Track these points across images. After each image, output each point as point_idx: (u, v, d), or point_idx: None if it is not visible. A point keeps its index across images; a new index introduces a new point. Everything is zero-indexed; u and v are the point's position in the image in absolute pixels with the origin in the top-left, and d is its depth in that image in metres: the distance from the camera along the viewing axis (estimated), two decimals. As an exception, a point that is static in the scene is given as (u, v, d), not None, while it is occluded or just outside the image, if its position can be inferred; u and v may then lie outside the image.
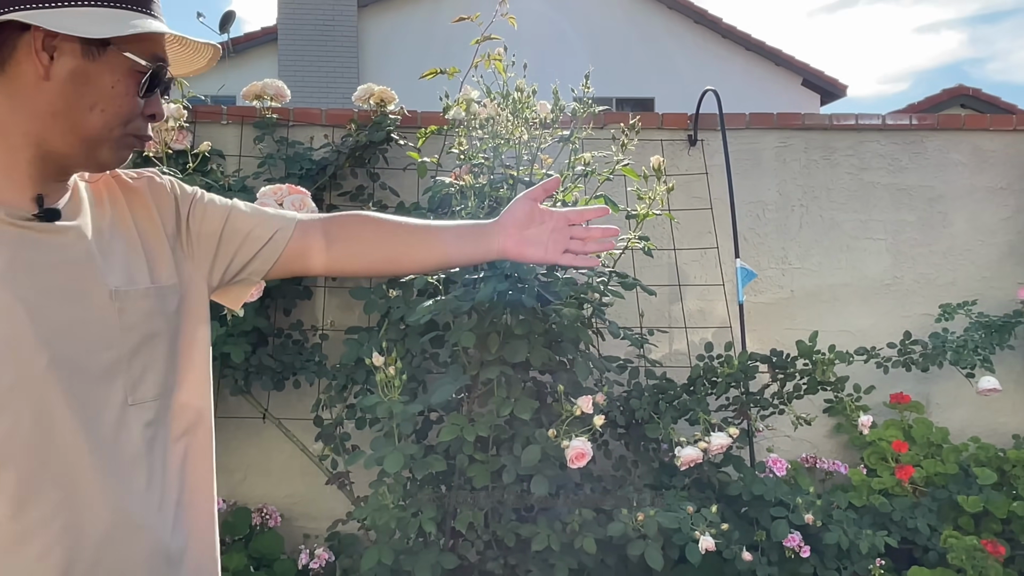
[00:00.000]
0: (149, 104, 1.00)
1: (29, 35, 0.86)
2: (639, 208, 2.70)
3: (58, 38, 0.87)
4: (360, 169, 3.39)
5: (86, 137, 0.94)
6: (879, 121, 3.86)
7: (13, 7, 0.84)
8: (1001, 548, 2.98)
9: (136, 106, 0.97)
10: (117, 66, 0.93)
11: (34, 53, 0.87)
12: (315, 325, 3.42)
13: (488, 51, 2.67)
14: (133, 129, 0.98)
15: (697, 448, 2.67)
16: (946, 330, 3.37)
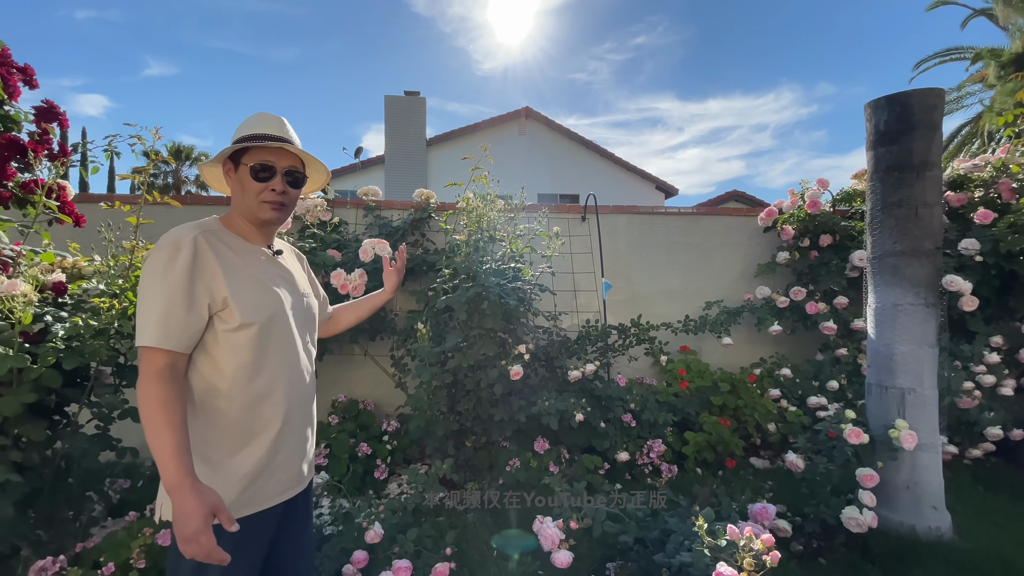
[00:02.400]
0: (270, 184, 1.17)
1: (225, 167, 1.21)
2: (548, 252, 3.11)
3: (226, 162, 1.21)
4: (417, 230, 3.67)
5: (251, 211, 1.19)
6: (677, 211, 4.35)
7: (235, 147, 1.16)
8: (727, 422, 3.39)
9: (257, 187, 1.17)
10: (244, 171, 1.18)
11: (225, 175, 1.23)
12: (392, 308, 3.65)
13: (484, 172, 3.04)
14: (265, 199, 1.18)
15: (579, 371, 3.08)
16: (707, 314, 3.94)
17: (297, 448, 1.20)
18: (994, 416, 3.18)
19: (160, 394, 0.99)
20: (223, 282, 1.07)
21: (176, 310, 1.02)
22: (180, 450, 0.98)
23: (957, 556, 2.31)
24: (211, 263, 1.07)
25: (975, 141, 11.66)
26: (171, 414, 0.99)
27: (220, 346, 1.08)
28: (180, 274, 1.03)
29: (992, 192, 3.63)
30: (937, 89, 2.51)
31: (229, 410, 1.09)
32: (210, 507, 0.97)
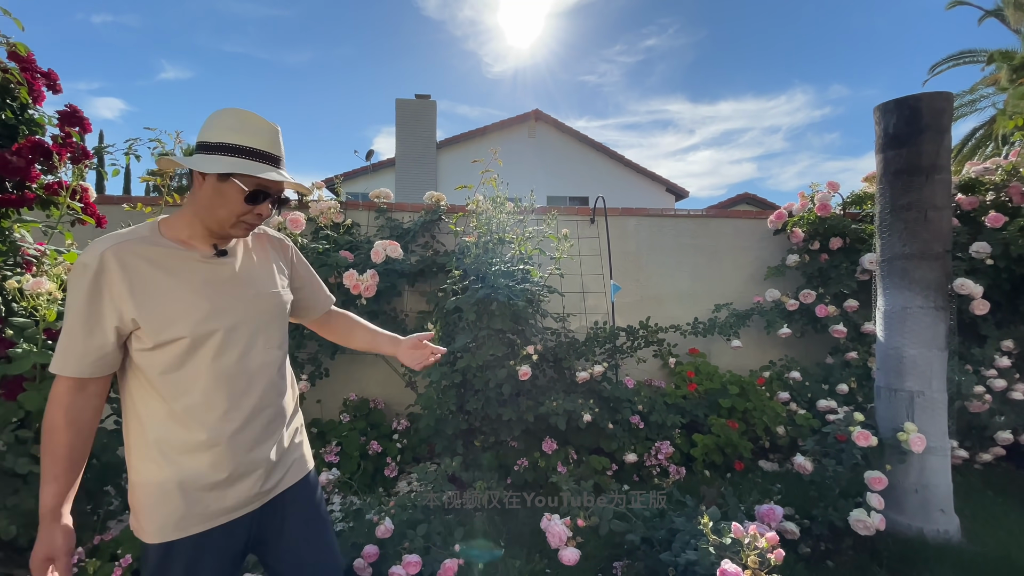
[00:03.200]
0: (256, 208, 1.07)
1: None
2: (557, 254, 3.19)
3: None
4: (427, 232, 3.69)
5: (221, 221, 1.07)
6: (686, 213, 4.32)
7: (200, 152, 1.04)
8: (736, 424, 3.37)
9: (244, 209, 1.06)
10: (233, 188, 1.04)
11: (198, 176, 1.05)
12: (402, 309, 3.69)
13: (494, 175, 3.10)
14: (245, 220, 1.08)
15: (587, 373, 3.06)
16: (716, 317, 3.91)
17: (254, 452, 1.11)
18: (1005, 420, 3.16)
19: (51, 420, 1.00)
20: (130, 302, 0.99)
21: (75, 336, 0.99)
22: (53, 480, 0.98)
23: (965, 559, 2.31)
24: (117, 282, 0.99)
25: (989, 144, 11.54)
26: (57, 443, 0.99)
27: (145, 364, 1.04)
28: (82, 297, 0.98)
29: (1003, 195, 3.61)
30: (946, 93, 2.52)
31: (168, 423, 1.04)
32: (50, 551, 0.96)
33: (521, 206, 3.17)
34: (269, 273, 1.21)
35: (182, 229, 1.09)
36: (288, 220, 3.00)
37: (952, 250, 3.31)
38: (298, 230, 3.04)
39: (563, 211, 4.16)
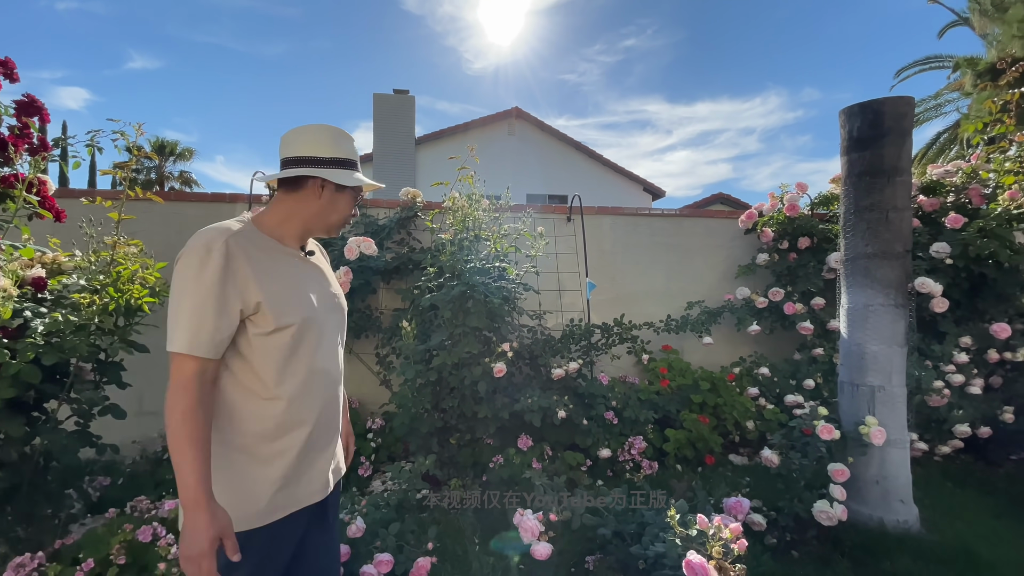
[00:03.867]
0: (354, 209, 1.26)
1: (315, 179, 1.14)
2: (533, 252, 3.19)
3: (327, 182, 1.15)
4: (403, 229, 3.67)
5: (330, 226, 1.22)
6: (660, 212, 4.43)
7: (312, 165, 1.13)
8: (707, 419, 3.47)
9: (351, 213, 1.25)
10: (348, 196, 1.20)
11: (316, 187, 1.15)
12: (377, 306, 3.65)
13: (471, 172, 3.08)
14: (347, 220, 1.25)
15: (562, 370, 3.12)
16: (689, 314, 4.00)
17: (327, 449, 1.19)
18: (963, 414, 3.30)
19: (186, 404, 0.97)
20: (255, 286, 1.04)
21: (206, 316, 1.00)
22: (200, 465, 0.96)
23: (923, 548, 2.40)
24: (243, 267, 1.04)
25: (953, 147, 11.96)
26: (194, 427, 0.97)
27: (254, 349, 1.07)
28: (211, 279, 1.00)
29: (963, 197, 3.75)
30: (907, 97, 2.61)
31: (262, 412, 1.08)
32: (219, 531, 0.95)
33: (497, 203, 3.16)
34: (334, 279, 1.34)
35: (275, 228, 1.15)
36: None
37: (913, 250, 3.44)
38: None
39: (540, 209, 4.18)
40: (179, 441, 0.95)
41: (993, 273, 3.46)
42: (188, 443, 0.96)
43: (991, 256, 3.41)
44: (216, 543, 0.94)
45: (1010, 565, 2.26)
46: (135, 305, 2.07)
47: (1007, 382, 3.56)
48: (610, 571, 2.16)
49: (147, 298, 2.13)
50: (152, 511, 2.16)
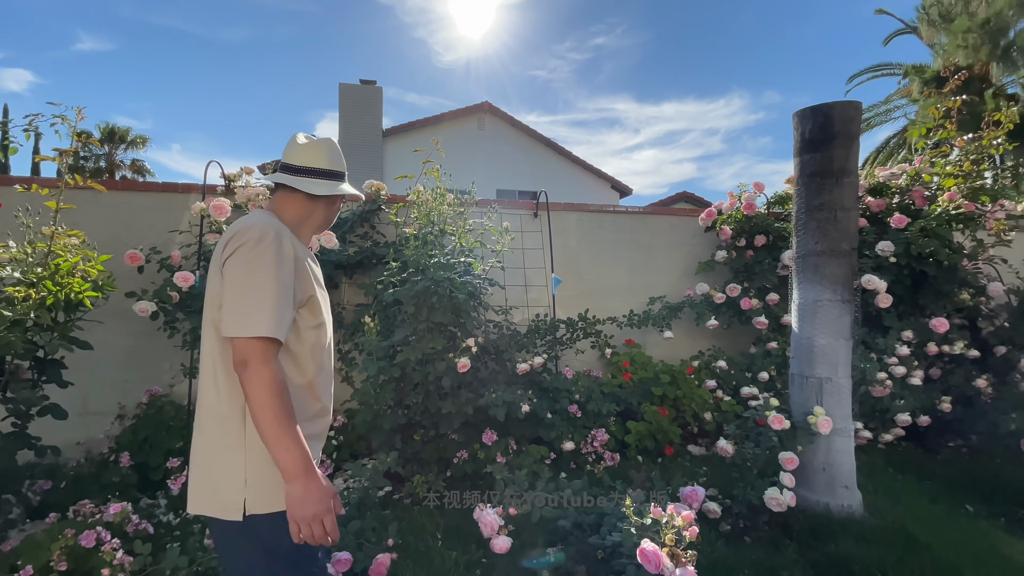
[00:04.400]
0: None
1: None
2: (498, 247, 3.17)
3: None
4: (366, 223, 3.63)
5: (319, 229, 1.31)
6: (625, 210, 4.51)
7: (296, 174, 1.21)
8: (666, 412, 3.54)
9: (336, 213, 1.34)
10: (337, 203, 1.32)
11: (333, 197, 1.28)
12: (339, 301, 3.56)
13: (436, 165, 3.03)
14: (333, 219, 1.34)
15: (527, 364, 3.15)
16: (651, 309, 4.08)
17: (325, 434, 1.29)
18: (904, 404, 3.49)
19: (280, 382, 1.00)
20: (310, 280, 1.14)
21: (286, 302, 1.05)
22: (301, 437, 1.01)
23: (865, 531, 2.53)
24: (300, 261, 1.12)
25: (902, 151, 12.58)
26: (288, 403, 1.01)
27: (299, 341, 1.13)
28: (289, 265, 1.07)
29: (907, 199, 3.96)
30: (855, 102, 2.72)
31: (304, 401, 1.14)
32: (331, 489, 1.05)
33: (462, 198, 3.13)
34: None
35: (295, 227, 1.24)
36: (212, 207, 2.83)
37: (860, 248, 3.61)
38: (223, 217, 2.88)
39: (507, 204, 4.19)
40: (279, 416, 0.98)
41: (933, 271, 3.67)
42: (288, 418, 0.99)
43: (932, 255, 3.62)
44: (332, 500, 1.03)
45: (944, 546, 2.40)
46: (75, 300, 1.97)
47: (945, 373, 3.79)
48: (571, 561, 2.19)
49: (89, 292, 2.03)
50: (97, 515, 2.07)
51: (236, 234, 1.07)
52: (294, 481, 0.99)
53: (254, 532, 1.05)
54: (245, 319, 1.01)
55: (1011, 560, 2.28)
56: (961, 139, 3.91)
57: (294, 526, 1.01)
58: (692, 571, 1.53)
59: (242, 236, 1.06)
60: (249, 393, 0.99)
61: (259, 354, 1.00)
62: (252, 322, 1.00)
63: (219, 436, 1.07)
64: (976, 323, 3.91)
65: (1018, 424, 3.03)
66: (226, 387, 1.06)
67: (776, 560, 2.32)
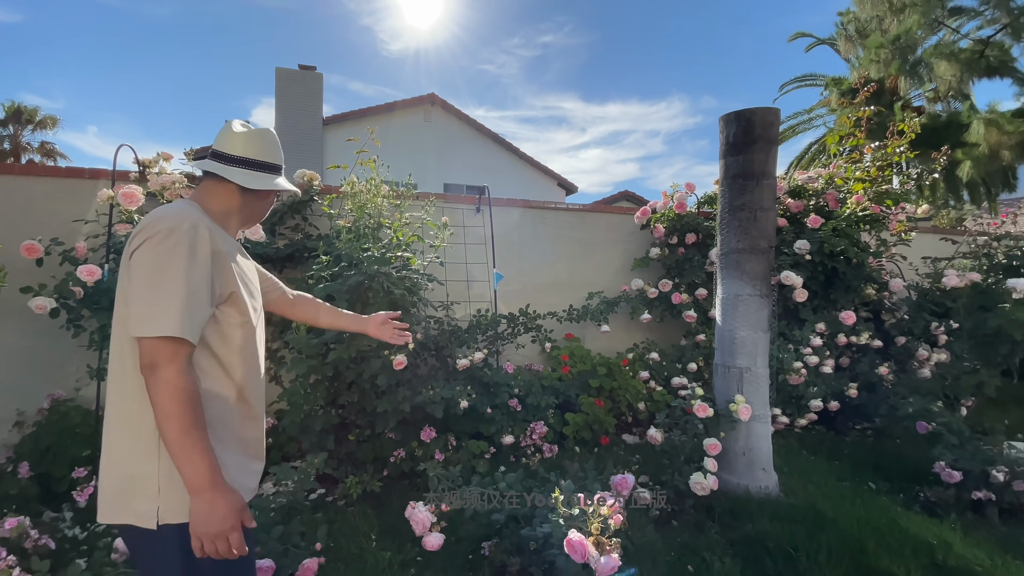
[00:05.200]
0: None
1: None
2: (436, 242, 3.18)
3: None
4: (297, 214, 3.45)
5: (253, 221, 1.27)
6: (565, 207, 4.57)
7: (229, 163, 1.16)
8: (602, 403, 3.62)
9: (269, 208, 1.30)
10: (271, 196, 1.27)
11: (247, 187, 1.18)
12: (264, 296, 3.59)
13: (372, 156, 2.95)
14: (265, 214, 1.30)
15: (467, 360, 3.16)
16: (589, 304, 4.16)
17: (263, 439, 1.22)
18: (816, 390, 3.76)
19: (187, 389, 0.95)
20: (232, 276, 1.07)
21: (200, 300, 0.99)
22: (208, 447, 0.96)
23: (780, 510, 2.71)
24: (222, 255, 1.06)
25: (822, 156, 13.53)
26: (198, 411, 0.96)
27: (224, 341, 1.08)
28: (204, 260, 1.01)
29: (822, 201, 4.25)
30: (775, 108, 2.89)
31: (229, 404, 1.09)
32: (240, 505, 0.99)
33: (398, 190, 3.06)
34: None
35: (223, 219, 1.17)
36: (121, 195, 2.61)
37: (780, 246, 3.85)
38: (134, 206, 2.66)
39: (449, 199, 4.14)
40: (185, 426, 0.93)
41: (843, 268, 3.97)
42: (194, 426, 0.94)
43: (842, 253, 3.91)
44: (240, 516, 0.98)
45: (849, 521, 2.60)
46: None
47: (853, 362, 4.12)
48: (505, 554, 2.21)
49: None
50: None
51: (146, 226, 1.00)
52: (198, 495, 0.95)
53: (169, 542, 1.00)
54: (152, 318, 0.95)
55: (908, 532, 2.49)
56: (869, 146, 4.24)
57: (196, 541, 0.96)
58: (615, 558, 1.58)
59: (152, 228, 0.99)
60: (154, 399, 0.94)
61: (167, 356, 0.95)
62: (159, 321, 0.95)
63: (130, 441, 1.01)
64: (880, 316, 4.28)
65: (915, 407, 3.34)
66: (137, 389, 0.99)
67: (700, 541, 2.44)
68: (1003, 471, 2.65)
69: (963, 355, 3.85)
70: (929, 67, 8.84)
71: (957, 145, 8.74)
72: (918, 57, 9.19)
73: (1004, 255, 4.06)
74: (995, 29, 8.26)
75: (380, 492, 2.85)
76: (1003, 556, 2.35)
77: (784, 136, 13.40)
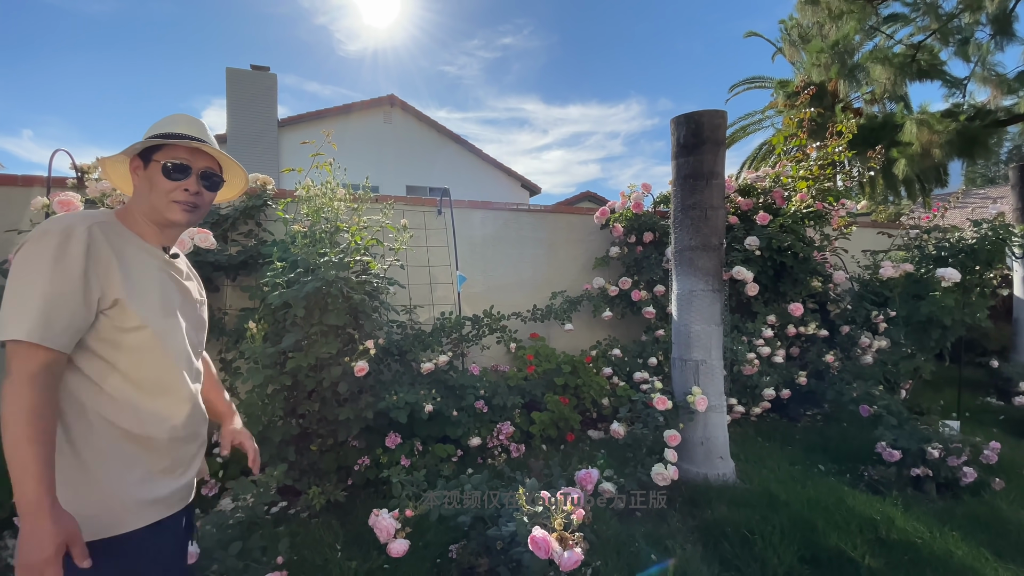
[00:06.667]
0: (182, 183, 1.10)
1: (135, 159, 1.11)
2: (396, 245, 3.09)
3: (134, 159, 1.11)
4: (251, 220, 3.37)
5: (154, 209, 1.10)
6: (527, 208, 4.58)
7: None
8: (567, 400, 3.64)
9: (169, 186, 1.09)
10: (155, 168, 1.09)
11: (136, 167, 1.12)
12: (221, 306, 3.28)
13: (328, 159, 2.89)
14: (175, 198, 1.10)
15: (431, 363, 3.11)
16: (553, 303, 4.21)
17: (186, 458, 1.15)
18: (769, 380, 3.93)
19: (31, 401, 0.87)
20: (118, 278, 0.99)
21: (65, 303, 0.92)
22: (43, 467, 0.87)
23: (736, 495, 2.82)
24: (107, 257, 0.98)
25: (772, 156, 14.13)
26: (39, 425, 0.88)
27: (116, 348, 1.00)
28: (74, 263, 0.93)
29: (769, 198, 4.44)
30: (721, 111, 3.00)
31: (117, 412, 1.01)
32: (66, 536, 0.87)
33: (356, 193, 3.01)
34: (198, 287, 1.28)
35: (136, 223, 1.10)
36: (56, 202, 2.47)
37: (731, 243, 4.00)
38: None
39: (411, 202, 4.11)
40: (19, 440, 0.86)
41: (791, 262, 4.16)
42: (29, 443, 0.86)
43: (789, 248, 4.10)
44: (63, 549, 0.87)
45: (800, 502, 2.73)
46: None
47: (802, 351, 4.33)
48: (473, 556, 2.21)
49: None
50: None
51: (32, 231, 0.98)
52: (23, 520, 0.86)
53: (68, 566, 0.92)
54: (6, 321, 0.90)
55: (853, 510, 2.63)
56: (812, 146, 4.47)
57: (18, 571, 0.87)
58: (579, 552, 1.61)
59: (32, 233, 0.97)
60: (2, 406, 0.88)
61: (18, 362, 0.89)
62: (10, 325, 0.90)
63: None
64: (826, 306, 4.51)
65: (859, 392, 3.54)
66: None
67: (662, 530, 2.52)
68: (938, 448, 2.84)
69: (900, 341, 4.10)
70: (866, 71, 9.36)
71: (893, 144, 9.30)
72: (856, 62, 9.71)
73: (934, 247, 4.34)
74: (926, 35, 8.83)
75: (345, 502, 2.80)
76: (940, 528, 2.52)
77: (736, 137, 13.91)
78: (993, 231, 4.11)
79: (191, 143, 1.10)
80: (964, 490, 2.86)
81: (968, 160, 9.43)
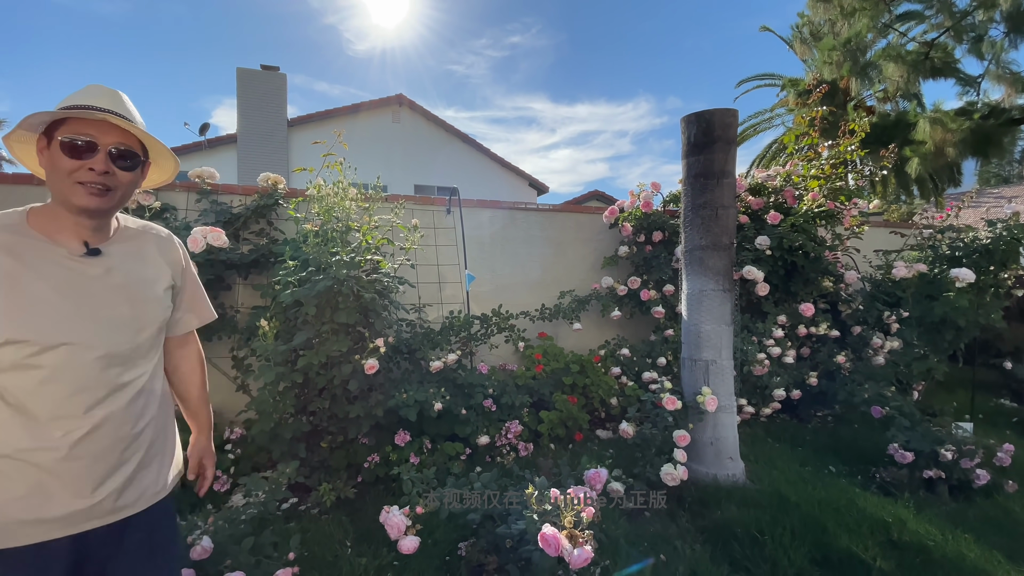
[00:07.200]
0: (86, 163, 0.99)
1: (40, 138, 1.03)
2: (407, 245, 3.09)
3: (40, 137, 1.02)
4: (262, 219, 3.39)
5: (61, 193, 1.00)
6: (536, 207, 4.55)
7: None
8: (575, 399, 3.64)
9: (71, 165, 0.98)
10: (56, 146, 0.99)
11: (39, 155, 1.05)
12: (233, 304, 3.32)
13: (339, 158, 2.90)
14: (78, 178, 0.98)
15: (440, 362, 3.13)
16: (561, 303, 4.20)
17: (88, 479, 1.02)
18: (779, 380, 3.90)
19: None
20: None
21: None
22: None
23: (747, 496, 2.81)
24: None
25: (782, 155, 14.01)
26: None
27: None
28: None
29: (780, 198, 4.41)
30: (732, 110, 2.99)
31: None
32: None
33: (367, 193, 3.03)
34: (150, 278, 1.13)
35: (47, 221, 1.01)
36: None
37: (742, 242, 3.98)
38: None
39: (420, 201, 4.12)
40: None
41: (802, 262, 4.13)
42: None
43: (800, 247, 4.07)
44: None
45: (811, 503, 2.72)
46: None
47: (813, 352, 4.29)
48: (482, 553, 2.22)
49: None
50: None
51: None
52: None
53: None
54: None
55: (865, 512, 2.61)
56: (824, 145, 4.43)
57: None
58: (589, 550, 1.61)
59: None
60: None
61: None
62: None
63: None
64: (837, 307, 4.47)
65: (870, 393, 3.51)
66: None
67: (671, 530, 2.52)
68: (951, 450, 2.81)
69: (913, 342, 4.06)
70: (878, 69, 9.25)
71: (906, 143, 9.19)
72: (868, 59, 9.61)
73: (948, 247, 4.29)
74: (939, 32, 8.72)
75: (355, 498, 2.82)
76: (952, 530, 2.50)
77: (746, 135, 13.81)
78: (1008, 231, 4.05)
79: (97, 114, 0.97)
80: (977, 492, 2.83)
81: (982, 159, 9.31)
